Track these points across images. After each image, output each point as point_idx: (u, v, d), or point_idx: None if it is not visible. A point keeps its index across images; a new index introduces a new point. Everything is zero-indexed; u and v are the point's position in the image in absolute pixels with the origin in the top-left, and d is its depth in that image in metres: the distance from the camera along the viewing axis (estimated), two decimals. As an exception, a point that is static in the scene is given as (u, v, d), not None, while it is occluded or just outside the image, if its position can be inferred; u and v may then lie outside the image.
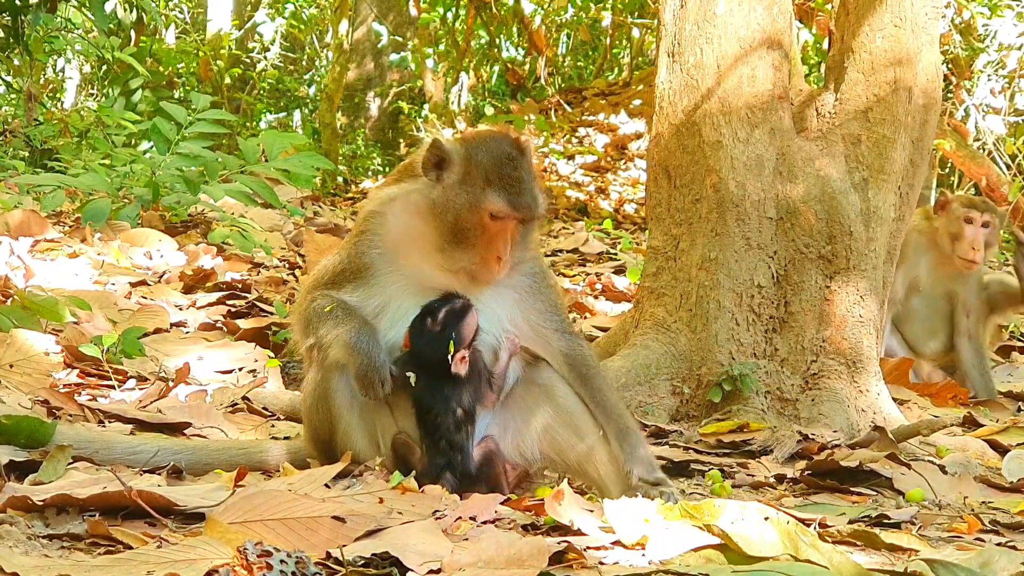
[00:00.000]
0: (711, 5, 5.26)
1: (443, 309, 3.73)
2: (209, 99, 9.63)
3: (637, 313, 5.41)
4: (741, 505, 3.10)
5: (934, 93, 5.46)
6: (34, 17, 11.74)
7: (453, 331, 3.72)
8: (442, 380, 3.74)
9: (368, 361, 3.66)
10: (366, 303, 3.81)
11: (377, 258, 3.83)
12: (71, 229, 8.50)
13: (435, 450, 3.75)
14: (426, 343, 3.73)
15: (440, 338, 3.71)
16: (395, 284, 3.83)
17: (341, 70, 19.66)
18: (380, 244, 3.84)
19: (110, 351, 5.31)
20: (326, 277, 3.88)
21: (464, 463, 3.74)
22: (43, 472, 3.56)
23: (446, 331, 3.71)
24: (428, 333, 3.73)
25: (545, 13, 18.91)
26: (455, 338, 3.71)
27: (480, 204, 3.70)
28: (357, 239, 3.88)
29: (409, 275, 3.82)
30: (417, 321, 3.76)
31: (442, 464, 3.74)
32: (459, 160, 3.75)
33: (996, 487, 4.60)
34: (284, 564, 2.67)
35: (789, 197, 5.25)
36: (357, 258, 3.85)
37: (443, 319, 3.72)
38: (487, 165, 3.74)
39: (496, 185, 3.72)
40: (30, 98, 14.22)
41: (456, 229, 3.72)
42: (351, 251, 3.87)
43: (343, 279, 3.84)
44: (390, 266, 3.83)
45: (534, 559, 2.87)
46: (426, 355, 3.74)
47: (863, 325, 5.23)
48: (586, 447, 3.80)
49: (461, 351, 3.72)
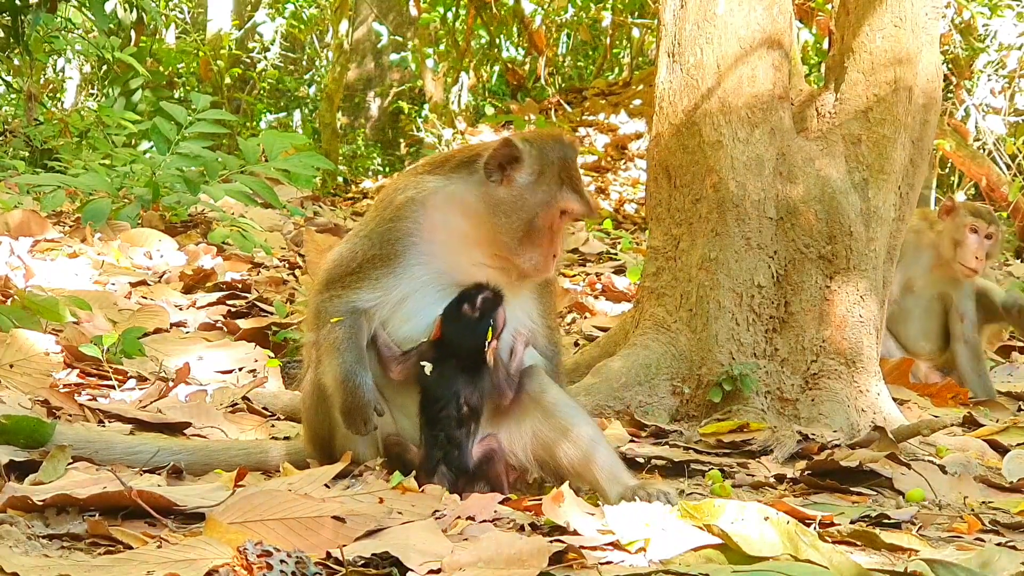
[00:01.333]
0: (711, 5, 5.26)
1: (480, 296, 3.73)
2: (209, 99, 9.63)
3: (637, 313, 5.41)
4: (741, 505, 3.09)
5: (934, 93, 5.46)
6: (34, 17, 11.74)
7: (491, 318, 3.72)
8: (462, 372, 3.72)
9: (354, 401, 3.65)
10: (388, 295, 3.78)
11: (410, 247, 3.81)
12: (71, 229, 8.50)
13: (433, 443, 3.74)
14: (462, 330, 3.71)
15: (478, 325, 3.70)
16: (422, 276, 3.81)
17: (341, 70, 19.67)
18: (416, 233, 3.82)
19: (110, 351, 5.31)
20: (352, 265, 3.82)
21: (461, 459, 3.73)
22: (43, 472, 3.56)
23: (484, 318, 3.71)
24: (466, 319, 3.71)
25: (545, 13, 18.90)
26: (492, 326, 3.71)
27: (556, 203, 3.78)
28: (390, 224, 3.83)
29: (438, 269, 3.81)
30: (453, 308, 3.73)
31: (438, 458, 3.73)
32: (532, 160, 3.80)
33: (996, 487, 4.60)
34: (284, 564, 2.67)
35: (789, 197, 5.25)
36: (388, 245, 3.81)
37: (482, 306, 3.72)
38: (559, 165, 3.82)
39: (569, 184, 3.81)
40: (30, 98, 14.23)
41: (528, 227, 3.76)
42: (382, 236, 3.83)
43: (369, 267, 3.80)
44: (421, 257, 3.81)
45: (534, 559, 2.87)
46: (461, 343, 3.71)
47: (863, 325, 5.23)
48: (578, 451, 3.78)
49: (494, 341, 3.73)
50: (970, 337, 7.34)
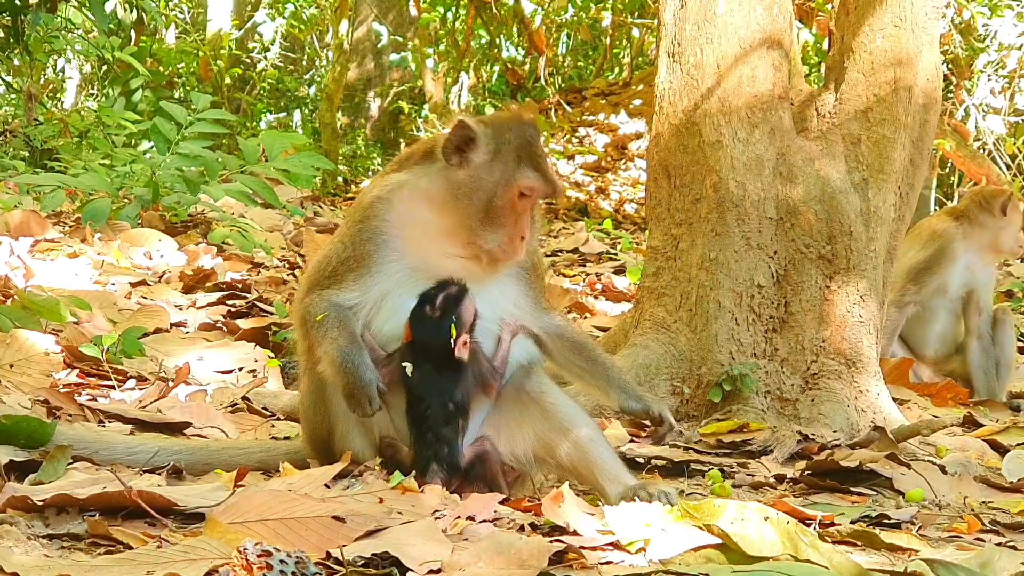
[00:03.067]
0: (711, 5, 5.26)
1: (440, 295, 3.73)
2: (209, 99, 9.63)
3: (637, 313, 5.41)
4: (741, 505, 3.09)
5: (934, 93, 5.46)
6: (34, 17, 11.74)
7: (453, 315, 3.71)
8: (441, 371, 3.72)
9: (355, 380, 3.63)
10: (366, 295, 3.78)
11: (382, 245, 3.79)
12: (71, 229, 8.50)
13: (422, 442, 3.74)
14: (428, 330, 3.71)
15: (441, 324, 3.70)
16: (398, 273, 3.80)
17: (341, 70, 19.67)
18: (385, 231, 3.81)
19: (110, 351, 5.31)
20: (327, 270, 3.82)
21: (451, 456, 3.73)
22: (43, 472, 3.56)
23: (446, 316, 3.70)
24: (428, 320, 3.71)
25: (545, 13, 18.91)
26: (456, 322, 3.71)
27: (514, 181, 3.72)
28: (360, 226, 3.83)
29: (413, 264, 3.80)
30: (416, 310, 3.74)
31: (428, 456, 3.72)
32: (488, 139, 3.75)
33: (996, 487, 4.60)
34: (284, 564, 2.67)
35: (789, 197, 5.25)
36: (360, 246, 3.80)
37: (442, 304, 3.71)
38: (516, 143, 3.76)
39: (527, 162, 3.74)
40: (30, 98, 14.24)
41: (487, 208, 3.72)
42: (354, 239, 3.82)
43: (344, 269, 3.79)
44: (394, 254, 3.80)
45: (534, 559, 2.87)
46: (429, 343, 3.72)
47: (863, 325, 5.23)
48: (579, 451, 3.78)
49: (463, 335, 3.72)
50: (984, 333, 7.36)
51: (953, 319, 7.45)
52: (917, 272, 7.29)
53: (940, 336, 7.46)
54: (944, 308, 7.44)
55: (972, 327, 7.38)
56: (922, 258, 7.30)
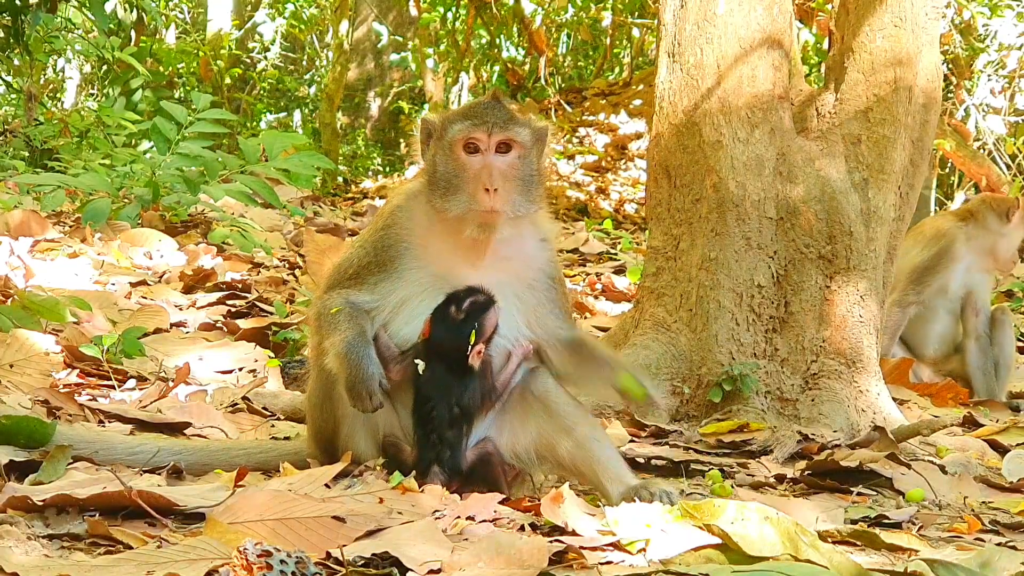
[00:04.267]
0: (711, 5, 5.26)
1: (468, 299, 3.73)
2: (209, 99, 9.63)
3: (637, 313, 5.41)
4: (741, 505, 3.10)
5: (934, 93, 5.46)
6: (34, 17, 11.75)
7: (476, 322, 3.71)
8: (451, 374, 3.73)
9: (358, 373, 3.63)
10: (386, 299, 3.81)
11: (404, 251, 3.84)
12: (71, 229, 8.50)
13: (425, 443, 3.74)
14: (447, 331, 3.71)
15: (462, 327, 3.70)
16: (419, 279, 3.82)
17: (341, 70, 19.68)
18: (407, 238, 3.85)
19: (110, 351, 5.31)
20: (350, 271, 3.86)
21: (453, 459, 3.73)
22: (43, 472, 3.56)
23: (469, 321, 3.70)
24: (451, 321, 3.71)
25: (545, 13, 18.91)
26: (477, 329, 3.71)
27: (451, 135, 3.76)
28: (383, 232, 3.88)
29: (434, 272, 3.82)
30: (441, 308, 3.74)
31: (431, 458, 3.73)
32: (439, 124, 3.84)
33: (996, 487, 4.60)
34: (284, 564, 2.67)
35: (789, 197, 5.25)
36: (383, 251, 3.85)
37: (467, 308, 3.72)
38: (459, 112, 3.87)
39: (459, 116, 3.82)
40: (30, 98, 14.24)
41: (445, 178, 3.76)
42: (376, 244, 3.87)
43: (366, 272, 3.83)
44: (416, 261, 3.84)
45: (534, 559, 2.87)
46: (445, 344, 3.71)
47: (863, 325, 5.23)
48: (581, 450, 3.78)
49: (479, 345, 3.72)
50: (982, 333, 7.36)
51: (953, 319, 7.45)
52: (920, 272, 7.29)
53: (940, 336, 7.47)
54: (944, 308, 7.44)
55: (970, 328, 7.39)
56: (925, 258, 7.31)
